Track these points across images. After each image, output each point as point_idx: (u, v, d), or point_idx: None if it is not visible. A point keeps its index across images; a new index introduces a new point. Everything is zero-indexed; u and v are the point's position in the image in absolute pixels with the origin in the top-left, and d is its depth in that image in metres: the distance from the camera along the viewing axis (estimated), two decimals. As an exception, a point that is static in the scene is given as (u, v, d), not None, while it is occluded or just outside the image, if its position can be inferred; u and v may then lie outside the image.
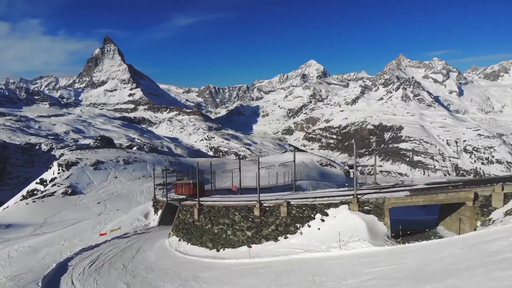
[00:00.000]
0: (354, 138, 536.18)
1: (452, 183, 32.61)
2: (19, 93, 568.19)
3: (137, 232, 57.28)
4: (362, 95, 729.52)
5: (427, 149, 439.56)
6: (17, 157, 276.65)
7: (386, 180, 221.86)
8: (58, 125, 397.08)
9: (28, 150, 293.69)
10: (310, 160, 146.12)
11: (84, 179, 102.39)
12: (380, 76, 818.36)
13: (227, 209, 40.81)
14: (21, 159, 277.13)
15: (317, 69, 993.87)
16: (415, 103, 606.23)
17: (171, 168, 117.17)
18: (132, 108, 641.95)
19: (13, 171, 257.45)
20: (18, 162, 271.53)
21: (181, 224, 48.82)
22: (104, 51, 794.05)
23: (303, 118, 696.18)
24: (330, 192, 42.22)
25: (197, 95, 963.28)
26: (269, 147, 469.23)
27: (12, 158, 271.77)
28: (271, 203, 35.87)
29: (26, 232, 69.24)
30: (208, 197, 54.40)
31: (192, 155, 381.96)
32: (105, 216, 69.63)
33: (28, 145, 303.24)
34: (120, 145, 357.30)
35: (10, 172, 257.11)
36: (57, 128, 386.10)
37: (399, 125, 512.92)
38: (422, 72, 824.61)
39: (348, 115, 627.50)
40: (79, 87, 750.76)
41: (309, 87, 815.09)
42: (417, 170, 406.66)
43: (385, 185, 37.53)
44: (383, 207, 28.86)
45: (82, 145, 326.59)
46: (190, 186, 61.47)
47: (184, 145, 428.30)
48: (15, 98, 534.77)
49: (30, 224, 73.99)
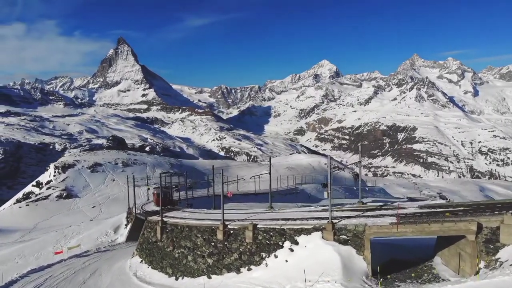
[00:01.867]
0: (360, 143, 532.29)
1: (451, 207, 26.55)
2: (34, 93, 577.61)
3: (100, 250, 51.55)
4: (375, 95, 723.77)
5: (441, 150, 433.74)
6: (31, 156, 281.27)
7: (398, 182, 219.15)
8: (72, 125, 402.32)
9: (42, 150, 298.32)
10: (317, 162, 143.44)
11: (80, 182, 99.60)
12: (394, 76, 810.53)
13: (190, 229, 35.70)
14: (34, 158, 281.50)
15: (330, 69, 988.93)
16: (429, 103, 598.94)
17: (172, 170, 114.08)
18: (145, 109, 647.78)
19: (26, 170, 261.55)
20: (31, 162, 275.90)
21: (145, 243, 43.38)
22: (118, 52, 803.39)
23: (315, 119, 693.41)
24: (307, 211, 35.07)
25: (209, 96, 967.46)
26: (281, 148, 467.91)
27: (26, 158, 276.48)
28: (237, 225, 31.00)
29: (13, 238, 66.12)
30: (178, 211, 47.92)
31: (203, 155, 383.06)
32: (73, 229, 63.41)
33: (42, 145, 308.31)
34: (133, 145, 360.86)
35: (23, 171, 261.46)
36: (71, 128, 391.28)
37: (412, 125, 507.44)
38: (436, 72, 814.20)
39: (361, 116, 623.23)
40: (93, 88, 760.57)
41: (322, 87, 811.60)
42: (431, 172, 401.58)
43: (371, 206, 30.79)
44: (363, 237, 23.62)
45: (95, 145, 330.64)
46: (154, 197, 55.28)
47: (196, 145, 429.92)
48: (30, 98, 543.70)
49: (20, 229, 70.73)
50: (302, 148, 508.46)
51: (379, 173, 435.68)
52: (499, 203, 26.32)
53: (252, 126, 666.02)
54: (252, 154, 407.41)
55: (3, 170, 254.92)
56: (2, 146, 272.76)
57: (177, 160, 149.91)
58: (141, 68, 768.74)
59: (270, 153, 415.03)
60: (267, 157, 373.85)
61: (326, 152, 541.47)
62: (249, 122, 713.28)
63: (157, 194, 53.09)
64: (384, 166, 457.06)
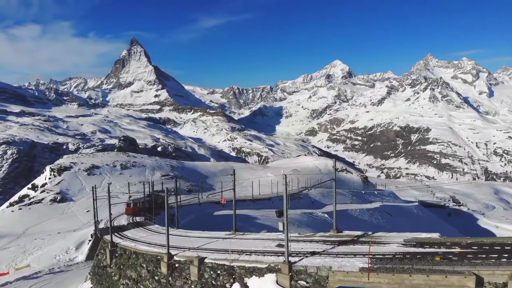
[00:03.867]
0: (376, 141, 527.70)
1: (444, 246, 20.37)
2: (48, 94, 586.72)
3: (53, 271, 44.74)
4: (388, 95, 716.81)
5: (455, 152, 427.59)
6: (45, 156, 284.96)
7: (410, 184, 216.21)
8: (86, 125, 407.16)
9: (56, 150, 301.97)
10: (324, 165, 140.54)
11: (75, 185, 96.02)
12: (407, 76, 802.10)
13: (136, 256, 30.46)
14: (48, 158, 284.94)
15: (342, 69, 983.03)
16: (443, 104, 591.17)
17: (172, 173, 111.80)
18: (158, 109, 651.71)
19: (40, 170, 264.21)
20: (45, 162, 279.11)
21: (97, 266, 38.00)
22: (131, 52, 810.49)
23: (327, 119, 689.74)
24: (273, 239, 27.43)
25: (221, 96, 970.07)
26: (292, 149, 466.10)
27: (39, 157, 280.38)
28: (184, 257, 25.24)
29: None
30: (139, 229, 41.28)
31: (215, 156, 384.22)
32: (37, 243, 57.19)
33: (55, 145, 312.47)
34: (145, 145, 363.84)
35: (37, 170, 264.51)
36: (84, 128, 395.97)
37: (426, 126, 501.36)
38: (450, 72, 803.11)
39: (374, 116, 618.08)
40: (107, 88, 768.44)
41: (334, 88, 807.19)
42: (445, 173, 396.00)
43: (347, 236, 25.16)
44: (326, 285, 18.64)
45: (108, 145, 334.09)
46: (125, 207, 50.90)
47: (208, 146, 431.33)
48: (44, 98, 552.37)
49: (8, 235, 66.08)
50: (314, 149, 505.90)
51: (392, 175, 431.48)
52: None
53: (263, 127, 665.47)
54: (263, 154, 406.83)
55: (17, 169, 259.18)
56: (16, 146, 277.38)
57: (179, 162, 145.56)
58: (154, 69, 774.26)
59: (281, 154, 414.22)
60: (278, 158, 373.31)
61: (338, 153, 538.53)
62: (261, 123, 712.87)
63: (127, 204, 48.91)
64: (397, 167, 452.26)
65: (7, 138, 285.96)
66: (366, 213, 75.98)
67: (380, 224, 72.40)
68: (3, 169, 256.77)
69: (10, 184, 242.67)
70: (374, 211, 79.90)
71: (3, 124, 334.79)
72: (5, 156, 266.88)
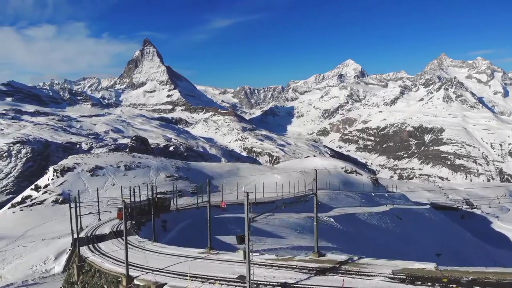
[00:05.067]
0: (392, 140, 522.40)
1: (440, 281, 16.47)
2: (62, 94, 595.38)
3: (27, 283, 40.97)
4: (401, 95, 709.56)
5: (469, 152, 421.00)
6: (58, 155, 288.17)
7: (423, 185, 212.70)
8: (99, 125, 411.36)
9: (69, 149, 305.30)
10: (333, 166, 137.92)
11: (78, 186, 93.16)
12: (421, 76, 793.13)
13: (100, 275, 28.01)
14: (62, 157, 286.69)
15: (355, 68, 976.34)
16: (457, 104, 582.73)
17: (177, 174, 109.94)
18: (170, 109, 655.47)
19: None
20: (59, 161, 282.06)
21: (66, 281, 34.31)
22: (144, 53, 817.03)
23: (339, 119, 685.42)
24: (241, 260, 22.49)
25: (233, 96, 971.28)
26: (303, 149, 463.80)
27: (53, 157, 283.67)
28: (144, 281, 22.29)
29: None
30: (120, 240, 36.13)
31: (226, 156, 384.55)
32: (18, 250, 53.07)
33: (69, 144, 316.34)
34: (157, 144, 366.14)
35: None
36: (97, 128, 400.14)
37: (440, 127, 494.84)
38: (465, 72, 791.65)
39: (387, 116, 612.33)
40: (120, 88, 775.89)
41: (346, 87, 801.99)
42: (459, 174, 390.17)
43: (329, 262, 21.62)
44: None
45: (120, 144, 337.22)
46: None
47: (219, 146, 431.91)
48: (59, 98, 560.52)
49: (7, 237, 63.39)
50: (326, 149, 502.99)
51: (405, 175, 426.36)
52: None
53: (274, 127, 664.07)
54: (274, 154, 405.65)
55: (31, 168, 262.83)
56: (30, 145, 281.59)
57: (184, 163, 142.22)
58: (166, 69, 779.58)
59: (293, 154, 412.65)
60: (290, 158, 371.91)
61: (350, 153, 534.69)
62: (272, 123, 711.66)
63: (119, 209, 45.68)
64: (410, 168, 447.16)
65: (22, 137, 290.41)
66: (375, 216, 74.15)
67: (389, 228, 70.72)
68: (17, 168, 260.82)
69: (24, 183, 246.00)
70: (383, 215, 78.01)
71: (18, 123, 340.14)
72: (19, 155, 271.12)
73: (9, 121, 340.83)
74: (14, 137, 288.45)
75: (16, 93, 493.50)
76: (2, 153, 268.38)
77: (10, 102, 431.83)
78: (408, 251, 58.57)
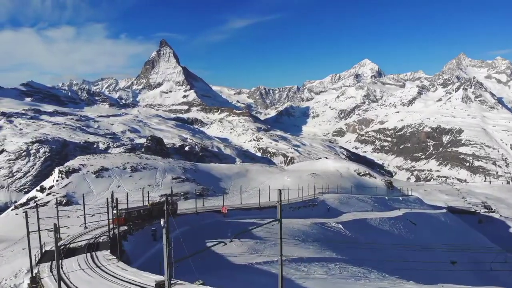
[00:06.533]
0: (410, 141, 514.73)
1: None
2: (81, 94, 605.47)
3: None
4: (419, 95, 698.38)
5: (488, 154, 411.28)
6: (76, 155, 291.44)
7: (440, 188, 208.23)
8: (116, 125, 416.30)
9: (87, 148, 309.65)
10: (346, 168, 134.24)
11: (83, 187, 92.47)
12: (439, 76, 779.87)
13: None
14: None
15: (372, 68, 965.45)
16: (476, 104, 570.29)
17: (184, 176, 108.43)
18: (186, 109, 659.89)
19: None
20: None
21: None
22: (160, 54, 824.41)
23: (355, 120, 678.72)
24: None
25: (248, 96, 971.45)
26: (319, 149, 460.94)
27: (71, 156, 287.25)
28: None
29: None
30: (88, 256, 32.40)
31: (240, 156, 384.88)
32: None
33: (86, 144, 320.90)
34: (173, 144, 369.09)
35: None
36: (114, 128, 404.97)
37: (458, 128, 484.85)
38: (484, 72, 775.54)
39: (404, 117, 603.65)
40: (137, 89, 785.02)
41: (363, 87, 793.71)
42: (478, 176, 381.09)
43: None
44: None
45: (137, 144, 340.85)
46: None
47: (234, 146, 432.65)
48: (77, 98, 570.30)
49: (7, 240, 60.04)
50: (341, 149, 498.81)
51: (422, 177, 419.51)
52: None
53: (289, 127, 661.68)
54: (289, 155, 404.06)
55: (49, 167, 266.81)
56: (48, 144, 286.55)
57: (192, 164, 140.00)
58: (182, 69, 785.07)
59: (308, 155, 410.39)
60: (305, 158, 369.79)
61: (366, 154, 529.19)
62: (287, 123, 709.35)
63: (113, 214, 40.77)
64: (428, 169, 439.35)
65: (40, 137, 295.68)
66: (387, 222, 71.85)
67: (402, 234, 68.16)
68: (36, 167, 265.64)
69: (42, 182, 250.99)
70: (396, 220, 75.64)
71: (37, 123, 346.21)
72: (38, 155, 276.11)
73: (28, 120, 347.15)
74: (33, 137, 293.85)
75: (35, 93, 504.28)
76: (21, 152, 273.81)
77: (30, 102, 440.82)
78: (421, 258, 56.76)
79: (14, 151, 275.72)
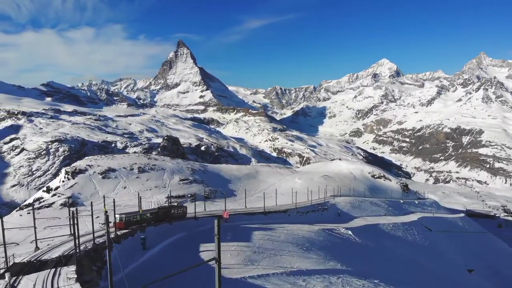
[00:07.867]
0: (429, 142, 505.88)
1: None
2: (100, 94, 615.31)
3: None
4: (438, 95, 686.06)
5: (509, 155, 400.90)
6: (94, 154, 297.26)
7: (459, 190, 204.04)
8: (134, 124, 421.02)
9: (105, 148, 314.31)
10: (359, 171, 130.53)
11: (89, 189, 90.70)
12: (459, 75, 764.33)
13: None
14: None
15: (390, 68, 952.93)
16: (497, 105, 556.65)
17: (192, 177, 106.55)
18: (202, 109, 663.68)
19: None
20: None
21: None
22: (178, 54, 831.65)
23: (373, 120, 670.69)
24: None
25: (264, 97, 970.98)
26: (335, 150, 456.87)
27: (89, 155, 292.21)
28: None
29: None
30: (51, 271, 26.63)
31: (256, 156, 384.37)
32: None
33: (104, 143, 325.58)
34: (190, 144, 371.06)
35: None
36: (132, 127, 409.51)
37: (479, 128, 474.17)
38: (505, 71, 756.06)
39: (423, 117, 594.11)
40: (155, 89, 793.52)
41: (381, 87, 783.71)
42: (498, 178, 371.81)
43: None
44: None
45: (154, 143, 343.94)
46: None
47: (249, 146, 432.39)
48: (96, 98, 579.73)
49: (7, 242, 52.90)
50: (358, 150, 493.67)
51: (441, 179, 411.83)
52: None
53: (305, 127, 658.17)
54: (304, 155, 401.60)
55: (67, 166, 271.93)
56: (67, 143, 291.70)
57: (201, 165, 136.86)
58: (199, 70, 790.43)
59: (324, 155, 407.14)
60: (321, 159, 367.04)
61: (384, 155, 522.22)
62: (303, 123, 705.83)
63: (118, 218, 41.48)
64: (447, 171, 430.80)
65: (60, 136, 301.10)
66: (401, 227, 69.34)
67: (416, 240, 65.78)
68: (55, 166, 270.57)
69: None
70: (411, 225, 72.93)
71: (57, 122, 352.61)
72: (57, 153, 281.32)
73: (48, 120, 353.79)
74: (53, 136, 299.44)
75: (55, 93, 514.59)
76: (41, 151, 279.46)
77: (50, 102, 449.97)
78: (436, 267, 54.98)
79: (34, 150, 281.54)
